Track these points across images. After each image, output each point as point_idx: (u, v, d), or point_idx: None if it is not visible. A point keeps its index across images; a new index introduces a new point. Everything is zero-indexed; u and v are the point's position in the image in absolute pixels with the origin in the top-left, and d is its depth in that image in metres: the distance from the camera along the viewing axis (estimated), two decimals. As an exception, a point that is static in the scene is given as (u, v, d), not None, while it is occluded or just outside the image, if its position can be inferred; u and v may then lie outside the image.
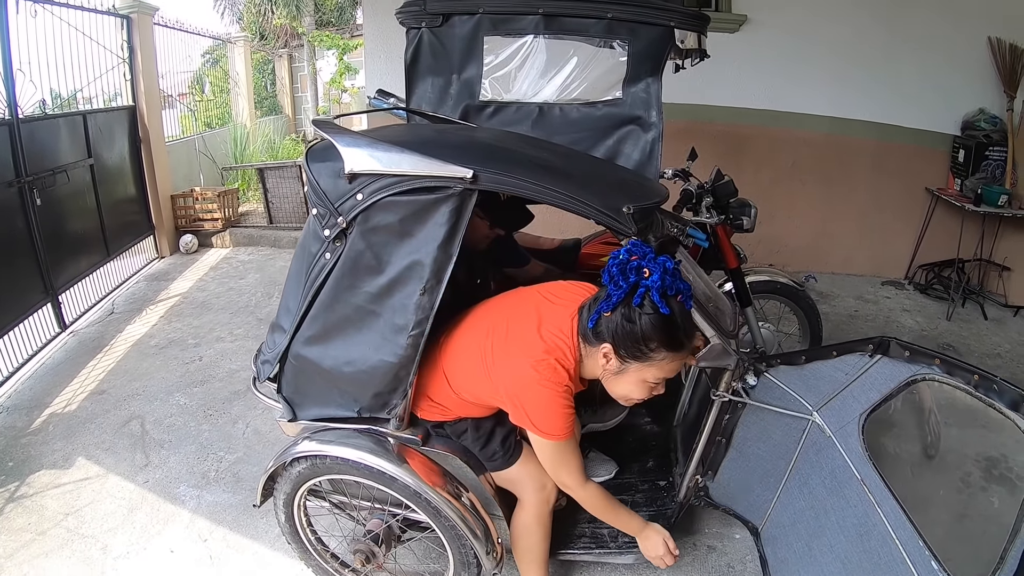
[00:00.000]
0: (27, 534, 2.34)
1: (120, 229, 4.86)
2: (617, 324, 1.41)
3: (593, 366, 1.52)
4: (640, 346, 1.40)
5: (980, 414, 1.64)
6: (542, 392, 1.48)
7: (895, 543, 1.64)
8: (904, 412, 1.86)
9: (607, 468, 2.27)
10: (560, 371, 1.48)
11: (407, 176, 1.43)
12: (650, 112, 2.18)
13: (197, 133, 7.02)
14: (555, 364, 1.49)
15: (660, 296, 1.35)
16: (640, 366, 1.44)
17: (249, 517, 2.43)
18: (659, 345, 1.39)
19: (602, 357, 1.46)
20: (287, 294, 1.77)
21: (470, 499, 1.72)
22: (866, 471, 1.75)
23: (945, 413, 1.79)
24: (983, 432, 1.71)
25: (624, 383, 1.49)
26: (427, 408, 1.75)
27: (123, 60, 5.02)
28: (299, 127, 10.80)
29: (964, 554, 1.60)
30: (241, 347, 3.80)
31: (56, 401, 3.22)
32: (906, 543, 1.61)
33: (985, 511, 1.72)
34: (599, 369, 1.50)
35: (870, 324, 4.32)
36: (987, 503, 1.72)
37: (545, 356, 1.49)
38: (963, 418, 1.77)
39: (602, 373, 1.50)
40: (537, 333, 1.54)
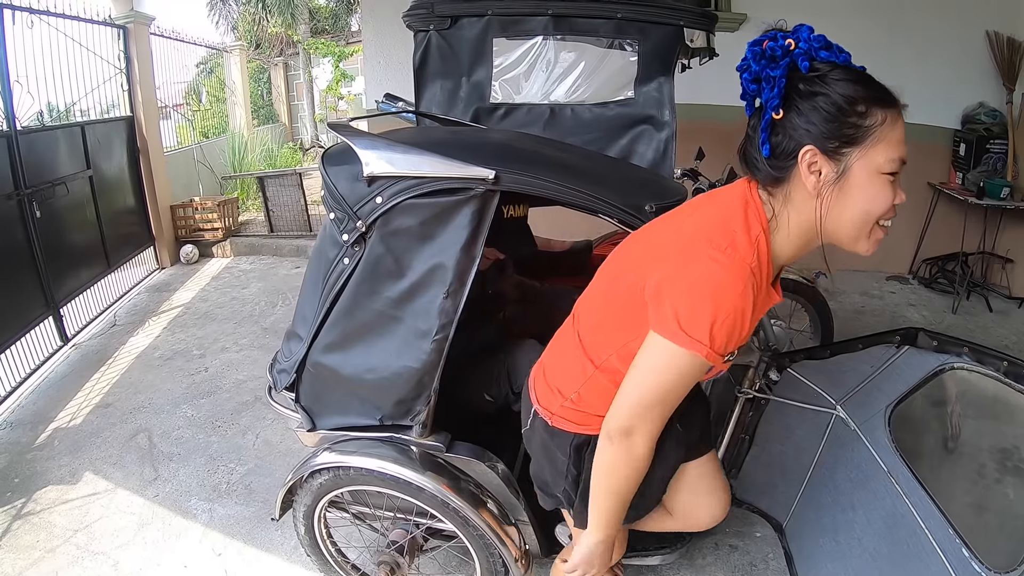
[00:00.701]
0: (36, 552, 2.30)
1: (120, 240, 4.82)
2: (799, 115, 1.01)
3: (795, 219, 1.07)
4: (846, 117, 0.98)
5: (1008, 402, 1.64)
6: (709, 267, 1.02)
7: (925, 533, 1.63)
8: (929, 403, 1.85)
9: None
10: (743, 246, 1.03)
11: (428, 178, 1.41)
12: (663, 111, 2.17)
13: (195, 143, 6.99)
14: (734, 240, 1.04)
15: (826, 51, 1.02)
16: (862, 150, 0.99)
17: (263, 530, 2.39)
18: (867, 103, 0.99)
19: (808, 172, 1.01)
20: (303, 301, 1.75)
21: (497, 506, 1.69)
22: (893, 462, 1.74)
23: (971, 402, 1.78)
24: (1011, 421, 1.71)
25: (856, 195, 1.01)
26: (561, 410, 1.34)
27: (120, 70, 4.99)
28: (296, 135, 10.77)
29: (992, 544, 1.58)
30: (247, 357, 3.76)
31: (60, 415, 3.18)
32: (936, 532, 1.60)
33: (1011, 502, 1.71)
34: (807, 208, 1.05)
35: (877, 319, 4.32)
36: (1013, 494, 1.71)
37: (718, 238, 1.05)
38: (990, 407, 1.76)
39: (818, 204, 1.03)
40: (695, 239, 1.07)
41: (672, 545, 2.00)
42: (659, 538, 2.02)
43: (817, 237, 1.08)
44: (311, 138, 10.60)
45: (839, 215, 1.03)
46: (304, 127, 10.73)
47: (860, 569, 1.81)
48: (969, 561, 1.52)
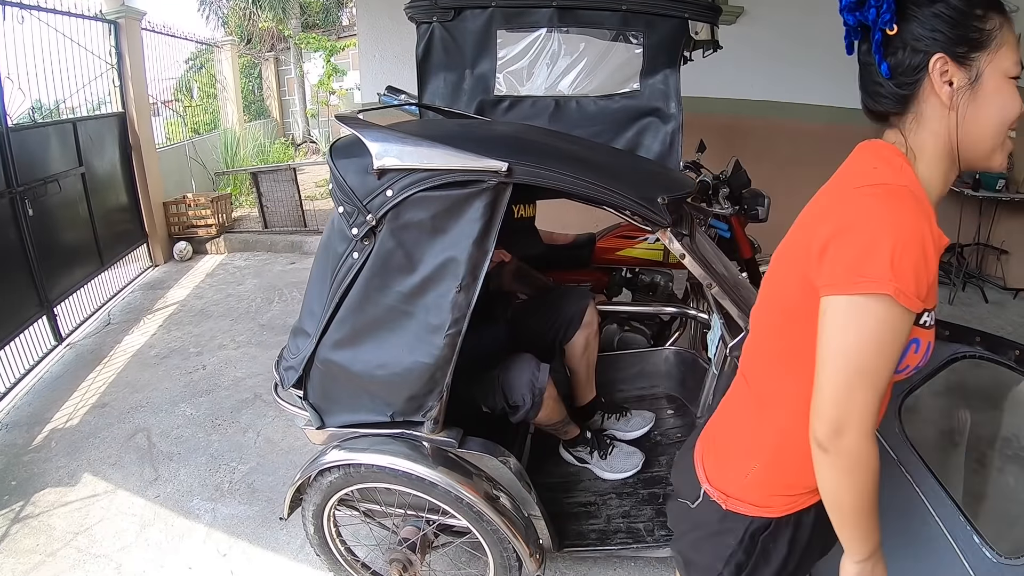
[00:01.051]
0: (36, 556, 2.26)
1: (113, 238, 4.77)
2: (920, 25, 0.94)
3: (930, 141, 0.97)
4: (969, 22, 0.93)
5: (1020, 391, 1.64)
6: (868, 203, 0.90)
7: (935, 521, 1.63)
8: (941, 392, 1.85)
9: (634, 461, 2.24)
10: (893, 176, 0.94)
11: (440, 171, 1.39)
12: (669, 103, 2.16)
13: (187, 139, 6.92)
14: (882, 175, 0.95)
15: None
16: (989, 54, 0.94)
17: (268, 529, 2.37)
18: (984, 7, 0.94)
19: (940, 83, 0.94)
20: (310, 297, 1.72)
21: (510, 500, 1.68)
22: (903, 452, 1.74)
23: (983, 391, 1.79)
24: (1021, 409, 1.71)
25: (990, 102, 0.94)
26: (739, 490, 1.12)
27: (112, 66, 4.92)
28: (288, 131, 10.69)
29: (1002, 532, 1.59)
30: (245, 354, 3.73)
31: (57, 416, 3.13)
32: (946, 520, 1.60)
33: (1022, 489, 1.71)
34: (941, 126, 0.96)
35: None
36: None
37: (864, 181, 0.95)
38: (1002, 396, 1.76)
39: (953, 116, 0.95)
40: (841, 193, 0.98)
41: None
42: (670, 530, 2.02)
43: (955, 159, 0.98)
44: (303, 133, 10.53)
45: (975, 125, 0.96)
46: (296, 122, 10.65)
47: (871, 559, 1.82)
48: (980, 548, 1.52)
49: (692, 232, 1.71)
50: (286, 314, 4.30)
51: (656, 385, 2.67)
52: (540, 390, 1.86)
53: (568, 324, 2.19)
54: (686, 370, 2.59)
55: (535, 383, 1.85)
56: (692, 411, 2.50)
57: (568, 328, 2.19)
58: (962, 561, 1.55)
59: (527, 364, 1.87)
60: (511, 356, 1.92)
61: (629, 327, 2.84)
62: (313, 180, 7.98)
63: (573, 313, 2.19)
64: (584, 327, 2.20)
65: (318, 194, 7.39)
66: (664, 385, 2.66)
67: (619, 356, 2.62)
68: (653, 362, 2.66)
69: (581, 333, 2.20)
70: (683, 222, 1.67)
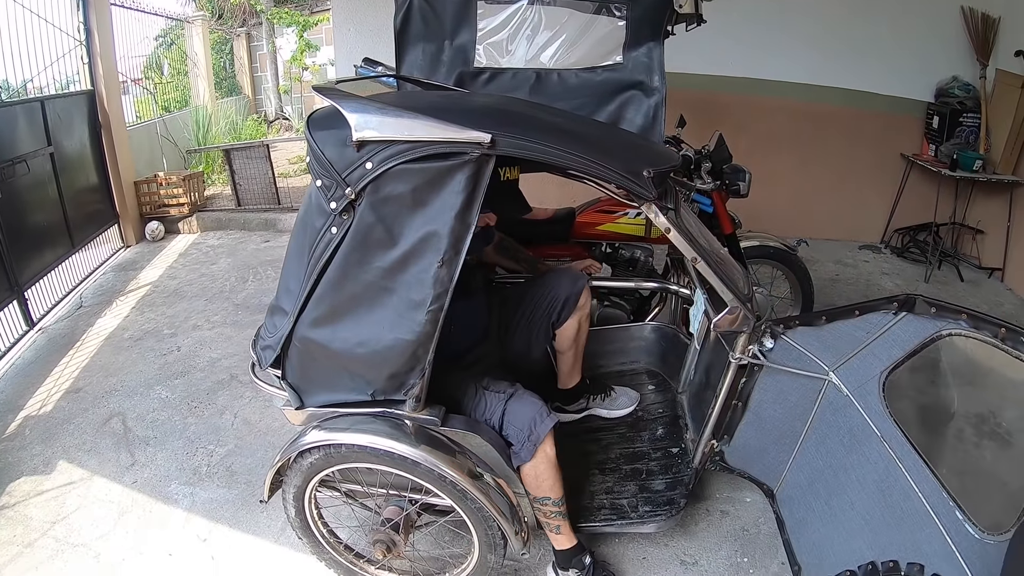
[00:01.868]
0: (13, 547, 2.20)
1: (84, 219, 4.62)
2: None
3: None
4: None
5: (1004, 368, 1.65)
6: None
7: (918, 496, 1.64)
8: (925, 369, 1.86)
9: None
10: None
11: (421, 142, 1.34)
12: (652, 77, 2.13)
13: (158, 117, 6.73)
14: None
15: None
16: None
17: (249, 512, 2.33)
18: None
19: None
20: (287, 274, 1.67)
21: (495, 478, 1.66)
22: (886, 428, 1.75)
23: (968, 368, 1.80)
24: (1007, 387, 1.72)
25: None
26: None
27: (80, 43, 4.74)
28: (260, 107, 10.46)
29: (985, 508, 1.61)
30: (220, 335, 3.66)
31: (30, 403, 3.04)
32: (929, 496, 1.61)
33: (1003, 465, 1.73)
34: None
35: (851, 287, 4.39)
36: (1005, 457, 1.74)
37: None
38: (987, 373, 1.78)
39: None
40: None
41: (667, 512, 2.00)
42: (654, 505, 2.02)
43: None
44: (275, 110, 10.31)
45: None
46: (268, 99, 10.41)
47: (852, 532, 1.84)
48: (963, 523, 1.53)
49: (677, 206, 1.69)
50: (261, 293, 4.22)
51: (636, 360, 2.67)
52: (537, 437, 1.70)
53: (562, 306, 2.16)
54: (667, 345, 2.60)
55: (533, 428, 1.71)
56: (673, 387, 2.50)
57: (562, 311, 2.17)
58: (944, 536, 1.57)
59: (531, 405, 1.74)
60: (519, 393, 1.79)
61: (609, 302, 2.84)
62: (286, 157, 7.83)
63: (568, 295, 2.16)
64: (578, 310, 2.18)
65: (292, 171, 7.25)
66: (645, 360, 2.66)
67: (600, 331, 2.61)
68: (634, 337, 2.66)
69: (574, 316, 2.18)
70: (668, 196, 1.65)
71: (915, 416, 1.91)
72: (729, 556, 2.16)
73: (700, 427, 2.08)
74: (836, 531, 1.90)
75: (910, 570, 1.63)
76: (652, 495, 2.08)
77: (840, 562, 1.85)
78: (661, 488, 2.11)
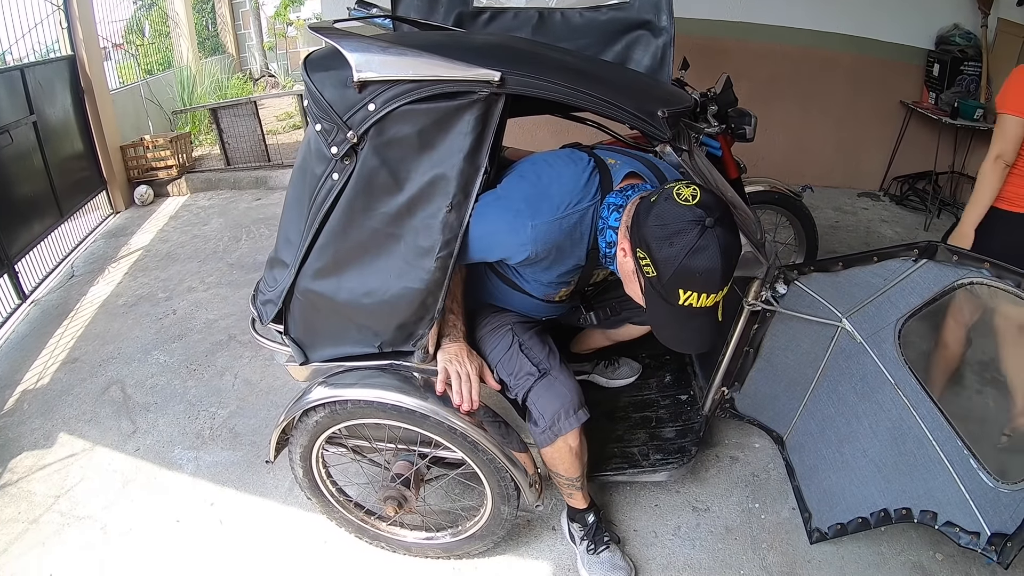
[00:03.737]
0: (18, 524, 2.16)
1: (71, 187, 4.50)
2: None
3: None
4: None
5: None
6: None
7: (931, 443, 1.63)
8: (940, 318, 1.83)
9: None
10: None
11: (426, 81, 1.27)
12: (660, 16, 2.04)
13: (141, 79, 6.53)
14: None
15: None
16: None
17: (255, 474, 2.31)
18: None
19: None
20: (286, 224, 1.61)
21: (506, 428, 1.62)
22: (900, 375, 1.72)
23: (987, 317, 1.77)
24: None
25: None
26: None
27: (58, 7, 4.55)
28: (244, 65, 10.18)
29: (999, 458, 1.59)
30: (215, 295, 3.60)
31: (27, 377, 2.98)
32: (943, 443, 1.60)
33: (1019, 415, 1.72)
34: None
35: (852, 234, 4.36)
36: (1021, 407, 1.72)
37: None
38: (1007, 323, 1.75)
39: None
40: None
41: (678, 461, 1.99)
42: (665, 454, 2.01)
43: None
44: (260, 67, 10.02)
45: None
46: (252, 56, 10.11)
47: (864, 479, 1.83)
48: (977, 472, 1.52)
49: (690, 148, 1.63)
50: (255, 251, 4.15)
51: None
52: (559, 430, 1.61)
53: None
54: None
55: (557, 421, 1.61)
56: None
57: None
58: (958, 484, 1.56)
59: (560, 397, 1.62)
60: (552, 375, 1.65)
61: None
62: (274, 114, 7.65)
63: None
64: None
65: (280, 128, 7.08)
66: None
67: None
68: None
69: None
70: (681, 137, 1.59)
71: (932, 365, 1.90)
72: (740, 502, 2.16)
73: (710, 374, 2.06)
74: (847, 478, 1.90)
75: (923, 517, 1.63)
76: (662, 443, 2.06)
77: (851, 509, 1.85)
78: (671, 436, 2.09)
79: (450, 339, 1.58)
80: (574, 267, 1.56)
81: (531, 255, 1.44)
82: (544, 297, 1.69)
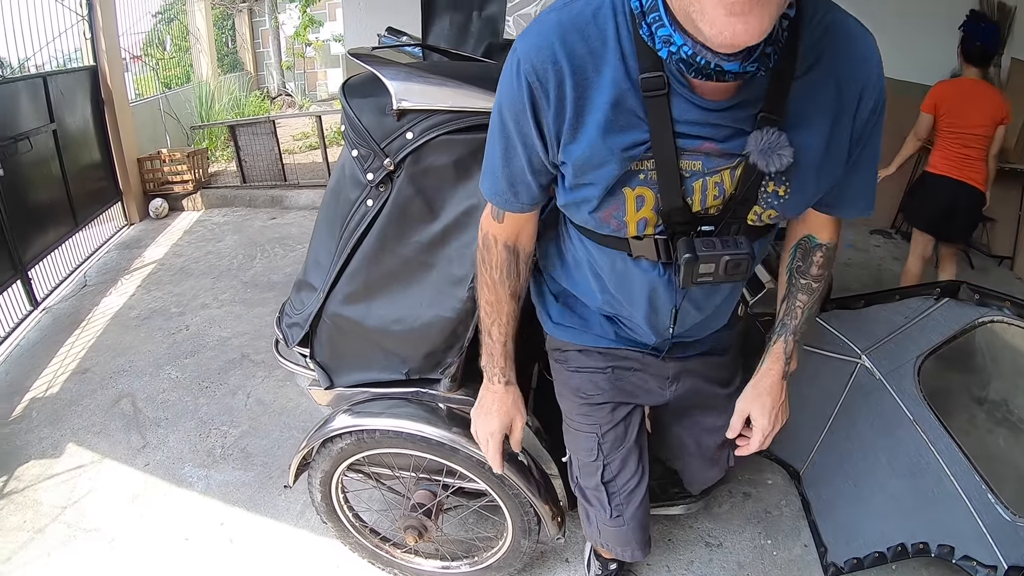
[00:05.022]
0: (24, 533, 2.15)
1: (87, 197, 4.55)
2: None
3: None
4: None
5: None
6: None
7: (949, 478, 1.63)
8: (962, 355, 1.84)
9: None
10: None
11: (465, 112, 1.28)
12: None
13: (160, 93, 6.62)
14: None
15: None
16: None
17: (266, 495, 2.29)
18: None
19: None
20: (316, 248, 1.61)
21: (531, 461, 1.61)
22: (919, 411, 1.73)
23: (1006, 356, 1.77)
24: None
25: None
26: None
27: (82, 18, 4.63)
28: (262, 83, 10.33)
29: (1018, 494, 1.59)
30: (229, 313, 3.61)
31: (36, 384, 2.99)
32: (961, 478, 1.60)
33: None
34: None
35: (863, 272, 4.36)
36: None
37: None
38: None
39: None
40: None
41: (696, 495, 1.97)
42: (683, 487, 1.99)
43: None
44: (278, 86, 10.18)
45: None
46: (270, 75, 10.28)
47: (881, 513, 1.83)
48: (994, 506, 1.52)
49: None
50: (270, 270, 4.17)
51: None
52: (602, 545, 1.53)
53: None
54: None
55: (607, 544, 1.52)
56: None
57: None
58: (975, 518, 1.55)
59: (625, 540, 1.49)
60: (628, 516, 1.46)
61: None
62: (290, 134, 7.72)
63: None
64: None
65: (297, 147, 7.15)
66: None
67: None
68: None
69: None
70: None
71: (951, 401, 1.90)
72: (753, 538, 2.14)
73: (730, 408, 2.05)
74: (864, 513, 1.89)
75: (940, 551, 1.62)
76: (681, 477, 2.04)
77: (868, 543, 1.84)
78: (690, 470, 2.07)
79: (488, 379, 1.31)
80: (632, 142, 0.92)
81: (530, 80, 0.91)
82: (613, 232, 1.04)
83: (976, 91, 3.23)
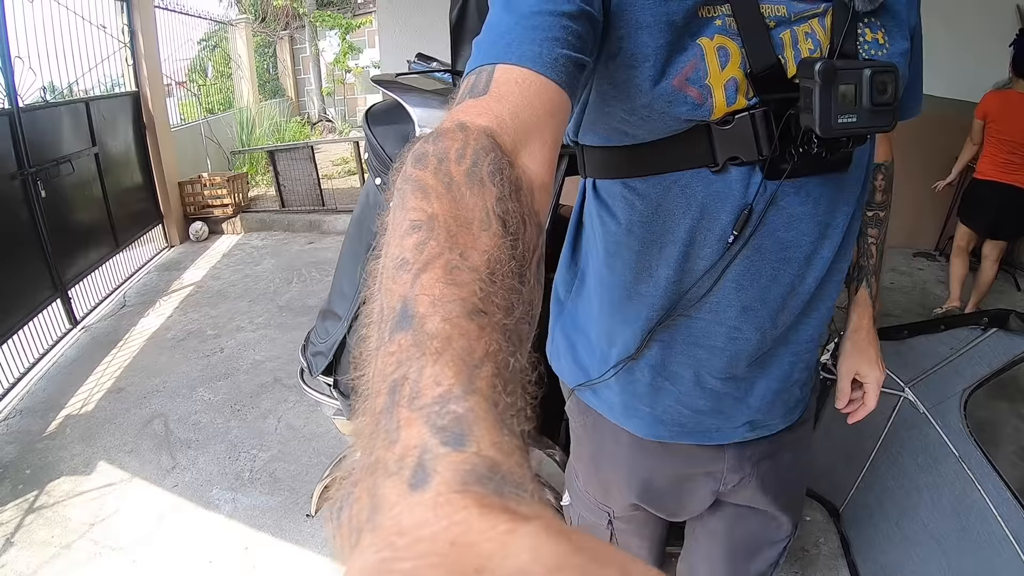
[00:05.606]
0: (51, 548, 2.18)
1: (128, 219, 4.69)
2: None
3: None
4: None
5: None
6: None
7: (996, 520, 1.54)
8: (1009, 387, 1.74)
9: None
10: None
11: None
12: None
13: (202, 118, 6.83)
14: None
15: None
16: None
17: (292, 521, 2.28)
18: None
19: None
20: (340, 277, 1.61)
21: (556, 495, 1.57)
22: (965, 448, 1.64)
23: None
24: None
25: None
26: None
27: (124, 44, 4.81)
28: (303, 109, 10.59)
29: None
30: (264, 336, 3.64)
31: (72, 401, 3.06)
32: (1008, 519, 1.52)
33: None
34: None
35: (906, 296, 4.22)
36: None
37: None
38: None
39: None
40: None
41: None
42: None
43: None
44: (318, 112, 10.42)
45: None
46: (311, 101, 10.54)
47: (924, 554, 1.74)
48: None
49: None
50: (305, 295, 4.21)
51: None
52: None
53: None
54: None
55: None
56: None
57: None
58: (1023, 561, 1.46)
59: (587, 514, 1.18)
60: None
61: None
62: (329, 159, 7.86)
63: None
64: None
65: (335, 173, 7.28)
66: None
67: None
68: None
69: None
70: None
71: (998, 437, 1.80)
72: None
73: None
74: (906, 553, 1.80)
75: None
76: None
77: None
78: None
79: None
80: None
81: None
82: (692, 111, 0.72)
83: (1021, 103, 3.52)
